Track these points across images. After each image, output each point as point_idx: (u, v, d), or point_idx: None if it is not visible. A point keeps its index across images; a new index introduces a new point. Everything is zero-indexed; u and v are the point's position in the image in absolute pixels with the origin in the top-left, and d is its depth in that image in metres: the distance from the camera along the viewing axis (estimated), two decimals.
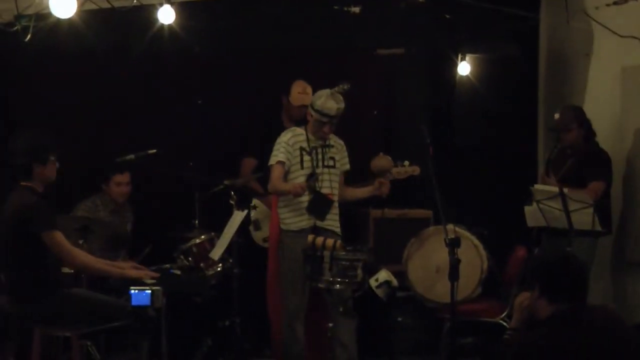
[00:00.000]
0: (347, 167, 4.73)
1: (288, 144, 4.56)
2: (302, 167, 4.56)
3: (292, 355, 4.53)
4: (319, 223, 4.54)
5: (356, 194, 4.75)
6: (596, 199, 4.48)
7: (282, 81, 5.38)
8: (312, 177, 4.54)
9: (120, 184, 5.11)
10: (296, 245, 4.33)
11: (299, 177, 4.55)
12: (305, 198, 4.51)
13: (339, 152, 4.67)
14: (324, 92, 4.50)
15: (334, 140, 4.67)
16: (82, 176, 5.17)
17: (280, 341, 4.63)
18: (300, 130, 4.62)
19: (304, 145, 4.57)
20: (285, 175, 4.57)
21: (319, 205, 4.53)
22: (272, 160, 4.58)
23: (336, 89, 4.49)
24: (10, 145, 3.95)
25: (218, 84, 5.54)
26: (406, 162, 4.69)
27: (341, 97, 4.48)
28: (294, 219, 4.55)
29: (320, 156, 4.59)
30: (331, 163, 4.62)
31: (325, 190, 4.56)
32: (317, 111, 4.48)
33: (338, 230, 4.61)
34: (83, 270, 4.27)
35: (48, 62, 5.26)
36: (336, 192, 4.61)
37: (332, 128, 4.56)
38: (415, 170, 4.71)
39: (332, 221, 4.59)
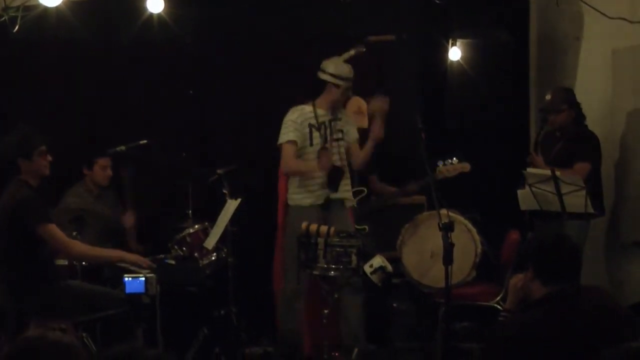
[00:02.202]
0: (356, 135, 4.73)
1: (296, 122, 4.52)
2: (311, 144, 4.54)
3: (287, 331, 4.53)
4: (332, 195, 4.55)
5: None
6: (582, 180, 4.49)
7: (273, 70, 5.35)
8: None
9: (105, 167, 5.12)
10: (301, 222, 4.21)
11: (309, 154, 4.53)
12: (318, 174, 4.51)
13: (346, 123, 4.67)
14: (333, 60, 4.54)
15: (341, 112, 4.68)
16: (72, 166, 5.15)
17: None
18: (308, 108, 4.58)
19: (312, 121, 4.55)
20: None
21: (334, 177, 4.54)
22: (282, 139, 4.51)
23: (352, 52, 4.61)
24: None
25: (209, 73, 5.51)
26: (455, 160, 4.69)
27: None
28: (304, 195, 4.54)
29: (328, 130, 4.57)
30: (340, 135, 4.61)
31: (336, 164, 4.55)
32: (344, 79, 4.50)
33: (350, 197, 4.67)
34: (80, 260, 4.27)
35: (37, 54, 5.23)
36: (345, 163, 4.63)
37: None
38: (465, 167, 4.70)
39: (345, 191, 4.61)
